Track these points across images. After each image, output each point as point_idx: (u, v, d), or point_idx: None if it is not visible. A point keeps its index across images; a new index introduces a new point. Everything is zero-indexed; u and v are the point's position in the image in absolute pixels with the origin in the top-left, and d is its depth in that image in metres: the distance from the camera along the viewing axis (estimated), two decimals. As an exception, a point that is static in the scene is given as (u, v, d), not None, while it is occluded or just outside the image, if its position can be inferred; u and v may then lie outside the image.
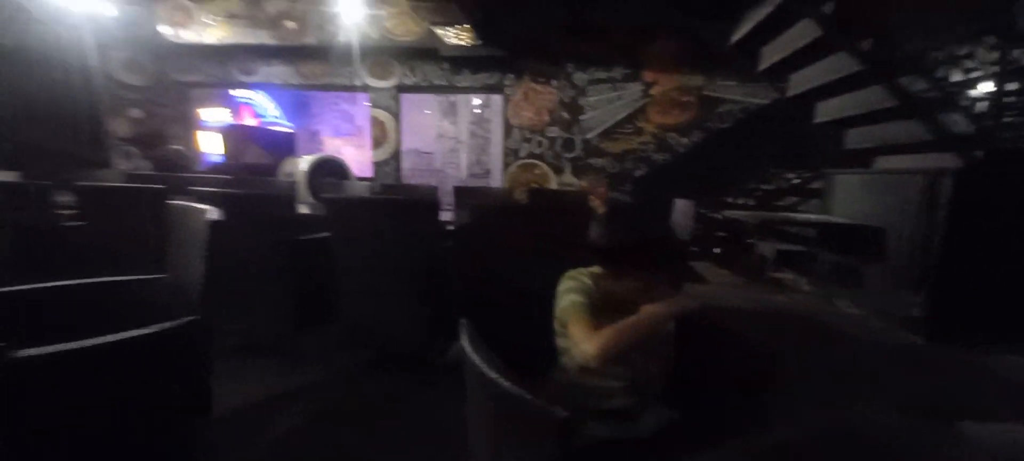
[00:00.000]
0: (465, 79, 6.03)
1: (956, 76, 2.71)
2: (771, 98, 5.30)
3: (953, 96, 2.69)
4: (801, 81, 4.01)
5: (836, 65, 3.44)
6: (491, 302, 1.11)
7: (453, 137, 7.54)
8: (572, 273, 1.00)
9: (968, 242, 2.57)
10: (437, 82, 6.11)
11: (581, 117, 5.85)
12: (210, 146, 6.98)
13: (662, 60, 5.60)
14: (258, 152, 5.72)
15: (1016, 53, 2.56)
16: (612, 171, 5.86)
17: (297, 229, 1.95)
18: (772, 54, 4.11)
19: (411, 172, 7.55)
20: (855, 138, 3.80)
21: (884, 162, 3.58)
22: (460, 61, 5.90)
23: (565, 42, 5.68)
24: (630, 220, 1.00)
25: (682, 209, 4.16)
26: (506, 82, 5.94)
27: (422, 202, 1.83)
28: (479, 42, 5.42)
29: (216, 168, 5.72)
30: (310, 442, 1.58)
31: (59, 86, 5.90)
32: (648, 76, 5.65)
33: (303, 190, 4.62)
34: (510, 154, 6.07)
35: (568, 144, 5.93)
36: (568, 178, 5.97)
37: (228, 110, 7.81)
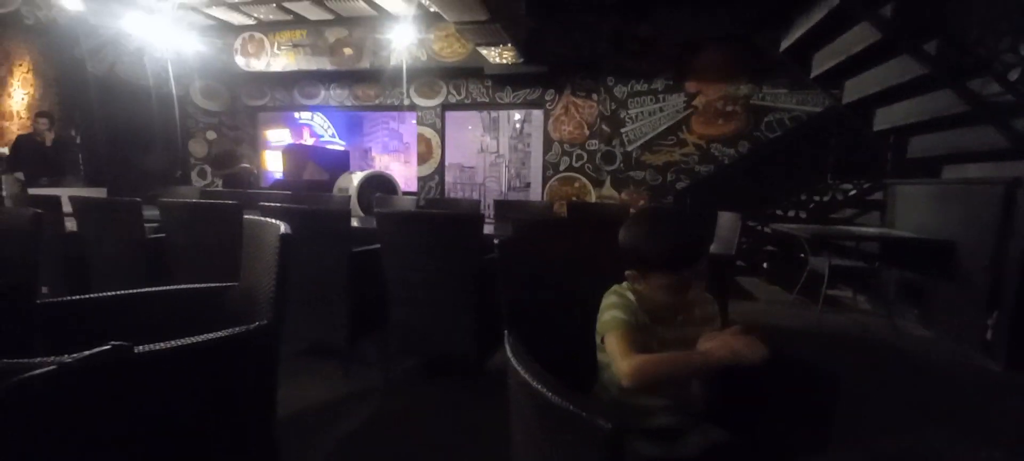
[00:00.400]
0: (507, 96, 6.15)
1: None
2: (824, 106, 5.01)
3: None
4: (857, 87, 3.76)
5: (897, 70, 3.21)
6: (534, 314, 1.12)
7: (494, 152, 7.66)
8: (616, 288, 0.99)
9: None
10: (480, 99, 6.27)
11: (622, 130, 5.79)
12: (274, 164, 7.52)
13: (708, 70, 5.44)
14: (315, 169, 6.09)
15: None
16: (653, 183, 5.73)
17: (351, 241, 2.06)
18: (825, 60, 3.89)
19: (453, 186, 7.75)
20: (920, 146, 3.51)
21: (953, 171, 3.27)
22: (503, 79, 6.03)
23: (609, 57, 5.66)
24: (659, 221, 0.96)
25: (726, 222, 3.99)
26: (547, 97, 5.99)
27: (465, 216, 1.88)
28: (521, 60, 5.51)
29: (278, 185, 6.14)
30: (365, 441, 1.66)
31: (145, 112, 6.60)
32: (691, 87, 5.51)
33: (355, 204, 4.85)
34: (550, 168, 6.09)
35: (608, 156, 5.87)
36: (608, 191, 5.90)
37: (290, 131, 8.40)
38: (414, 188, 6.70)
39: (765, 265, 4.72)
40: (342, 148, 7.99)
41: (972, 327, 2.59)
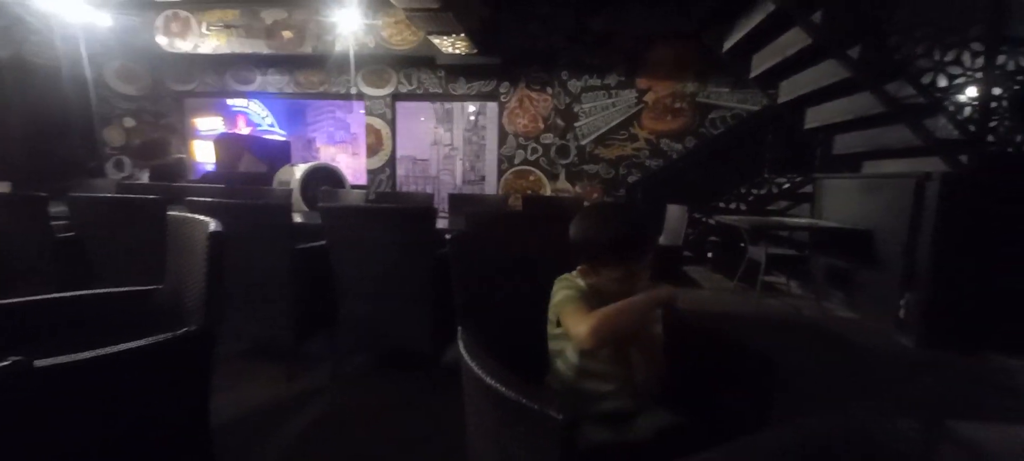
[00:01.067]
0: (461, 87, 6.07)
1: (942, 82, 2.77)
2: (762, 105, 5.38)
3: (940, 101, 2.74)
4: (791, 88, 4.07)
5: (825, 72, 3.50)
6: (488, 308, 1.12)
7: (448, 144, 7.56)
8: (565, 276, 1.03)
9: (955, 244, 2.61)
10: (433, 90, 6.15)
11: (576, 124, 5.90)
12: (205, 155, 6.96)
13: (658, 67, 5.67)
14: (252, 160, 5.70)
15: (1002, 59, 2.62)
16: (606, 177, 5.91)
17: (295, 238, 1.95)
18: (763, 61, 4.18)
19: (406, 179, 7.56)
20: (844, 143, 3.86)
21: (872, 166, 3.63)
22: (456, 69, 5.95)
23: (564, 50, 5.74)
24: (609, 214, 1.02)
25: (675, 214, 4.19)
26: (502, 89, 5.98)
27: (417, 210, 1.84)
28: (475, 51, 5.46)
29: (210, 177, 5.70)
30: (316, 441, 1.58)
31: (56, 96, 5.88)
32: (642, 83, 5.71)
33: (298, 198, 4.61)
34: (505, 161, 6.10)
35: (562, 150, 5.98)
36: (562, 184, 6.01)
37: (223, 119, 7.80)
38: (364, 181, 6.46)
39: (710, 255, 5.02)
40: (282, 138, 7.53)
41: (888, 307, 2.90)
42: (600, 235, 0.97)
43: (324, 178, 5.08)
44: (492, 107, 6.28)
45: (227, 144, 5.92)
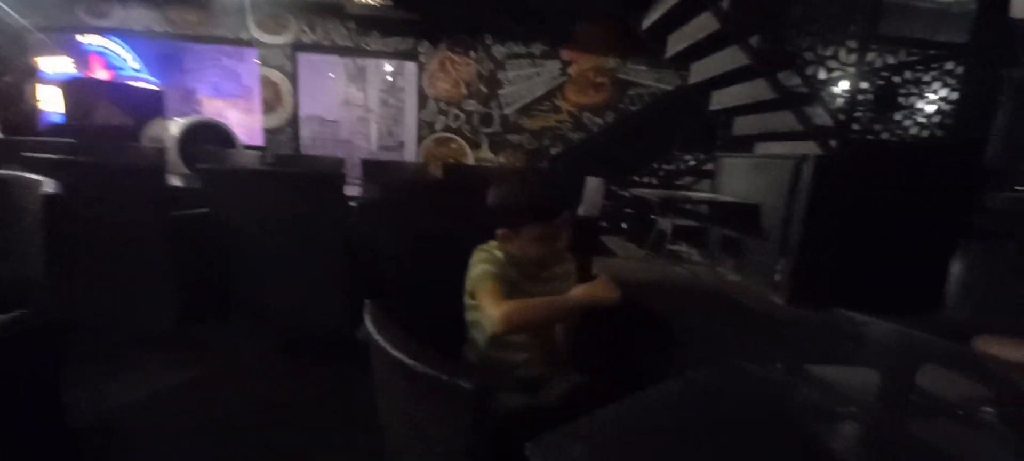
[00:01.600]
0: (374, 42, 5.67)
1: (822, 74, 3.19)
2: (675, 85, 5.79)
3: (819, 92, 3.17)
4: (700, 70, 4.42)
5: (729, 59, 3.85)
6: (404, 279, 1.10)
7: (362, 105, 7.07)
8: (484, 247, 1.04)
9: (821, 218, 3.10)
10: (342, 43, 5.66)
11: (500, 92, 5.86)
12: (50, 103, 5.73)
13: (581, 41, 5.79)
14: (111, 111, 4.83)
15: (870, 57, 3.08)
16: (530, 147, 5.99)
17: (171, 204, 1.71)
18: (677, 43, 4.46)
19: (313, 141, 6.97)
20: (741, 125, 4.32)
21: (763, 148, 4.12)
22: (369, 21, 5.52)
23: (488, 13, 5.59)
24: (526, 177, 1.07)
25: (593, 186, 4.41)
26: (421, 49, 5.70)
27: (320, 175, 1.71)
28: (390, 2, 5.10)
29: (57, 129, 4.74)
30: (210, 444, 1.44)
31: None
32: (566, 55, 5.81)
33: (175, 159, 4.03)
34: (425, 126, 5.90)
35: (486, 119, 5.92)
36: (486, 153, 5.98)
37: (73, 61, 6.45)
38: (260, 141, 5.84)
39: (624, 225, 5.40)
40: (153, 87, 6.45)
41: (767, 272, 3.38)
42: (518, 198, 1.00)
43: (209, 136, 4.48)
44: (411, 68, 5.97)
45: (79, 90, 4.94)
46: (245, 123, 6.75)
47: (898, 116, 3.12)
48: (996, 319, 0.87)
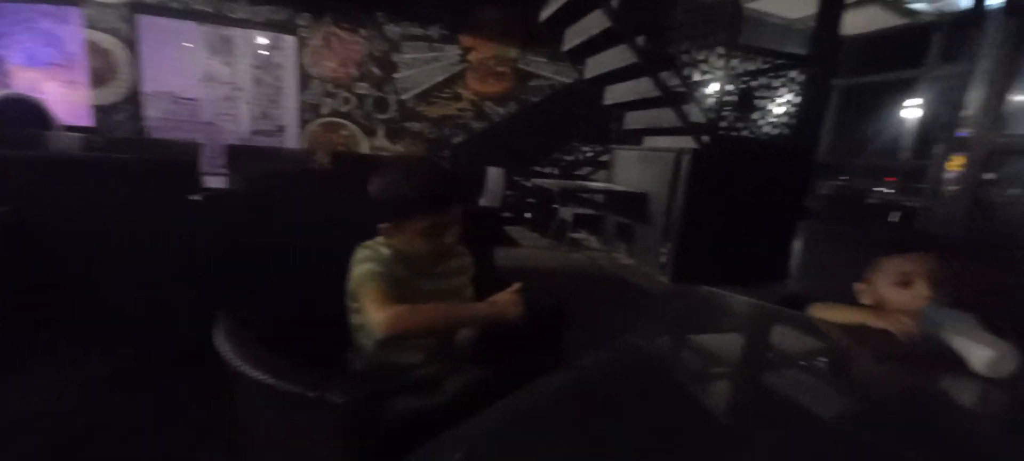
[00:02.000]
0: (240, 9, 5.02)
1: (696, 76, 3.58)
2: (573, 79, 6.08)
3: (694, 92, 3.55)
4: (595, 66, 4.69)
5: (620, 56, 4.13)
6: (281, 283, 0.97)
7: (229, 83, 6.20)
8: (368, 243, 0.96)
9: (697, 205, 3.51)
10: (198, 7, 4.91)
11: (395, 75, 5.59)
12: None
13: (482, 27, 5.76)
14: None
15: (733, 63, 3.53)
16: (430, 136, 5.84)
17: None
18: (573, 37, 4.67)
19: (164, 124, 5.97)
20: (632, 120, 4.69)
21: (651, 141, 4.53)
22: (236, -16, 4.86)
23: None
24: (411, 165, 0.99)
25: (494, 177, 4.45)
26: (300, 21, 5.19)
27: (168, 163, 1.45)
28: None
29: None
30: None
31: None
32: (466, 40, 5.75)
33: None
34: (309, 109, 5.40)
35: (381, 104, 5.62)
36: (382, 142, 5.69)
37: None
38: (87, 121, 4.84)
39: (528, 215, 5.56)
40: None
41: (654, 254, 3.74)
42: (403, 188, 0.93)
43: (16, 114, 3.59)
44: (290, 43, 5.40)
45: None
46: (68, 98, 5.52)
47: (755, 116, 3.64)
48: (826, 287, 1.05)
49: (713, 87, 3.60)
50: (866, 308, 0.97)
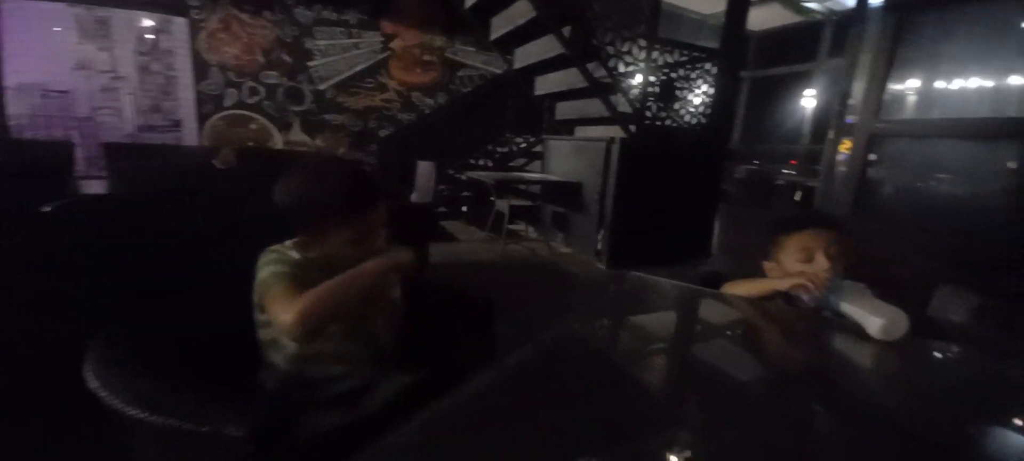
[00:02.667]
0: (123, -14, 4.43)
1: (621, 67, 3.72)
2: (503, 69, 6.08)
3: (620, 83, 3.70)
4: (524, 56, 4.72)
5: (547, 46, 4.19)
6: (173, 300, 0.86)
7: (108, 71, 5.44)
8: (275, 247, 0.88)
9: (627, 192, 3.67)
10: (67, -19, 4.26)
11: (309, 63, 5.25)
12: None
13: (403, 13, 5.56)
14: None
15: (654, 55, 3.71)
16: (354, 129, 5.56)
17: None
18: (499, 26, 4.66)
19: (32, 119, 5.12)
20: (563, 111, 4.79)
21: (582, 131, 4.66)
22: (110, -44, 4.27)
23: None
24: (323, 166, 0.89)
25: (424, 171, 4.35)
26: (193, 3, 4.68)
27: (23, 165, 1.23)
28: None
29: None
30: None
31: None
32: (388, 27, 5.52)
33: None
34: (209, 102, 4.91)
35: (295, 95, 5.25)
36: (298, 136, 5.33)
37: None
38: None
39: (465, 209, 5.51)
40: None
41: (590, 242, 3.88)
42: (314, 193, 0.84)
43: None
44: (181, 25, 4.86)
45: None
46: None
47: (677, 106, 3.88)
48: (742, 264, 1.14)
49: (638, 78, 3.77)
50: (772, 279, 1.09)
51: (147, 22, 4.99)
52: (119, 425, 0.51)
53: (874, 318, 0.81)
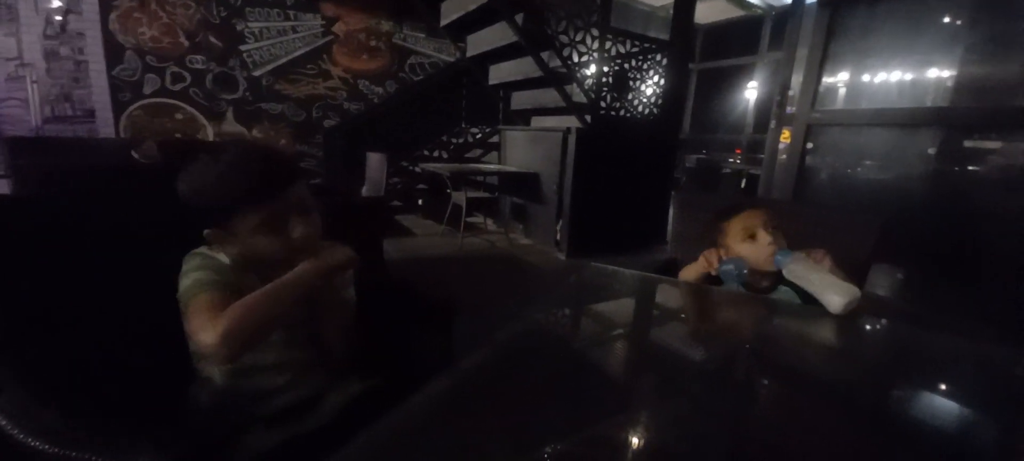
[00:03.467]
0: (17, -45, 3.95)
1: (575, 57, 3.75)
2: (455, 57, 5.98)
3: (574, 73, 3.73)
4: (476, 43, 4.65)
5: (501, 34, 4.15)
6: (84, 315, 0.77)
7: (13, 58, 4.85)
8: (200, 250, 0.81)
9: (584, 183, 3.73)
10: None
11: (242, 47, 4.92)
12: None
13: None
14: None
15: (607, 45, 3.77)
16: (295, 119, 5.29)
17: None
18: (450, 12, 4.56)
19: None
20: (519, 100, 4.79)
21: (538, 121, 4.68)
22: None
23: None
24: (223, 150, 0.78)
25: (374, 163, 4.22)
26: (106, -22, 4.27)
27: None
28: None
29: None
30: None
31: None
32: (328, 9, 5.27)
33: None
34: (127, 89, 4.50)
35: (227, 81, 4.91)
36: (232, 127, 5.00)
37: None
38: None
39: (420, 202, 5.39)
40: None
41: (550, 232, 3.92)
42: (211, 179, 0.75)
43: None
44: (92, 5, 4.41)
45: None
46: None
47: (630, 97, 3.97)
48: (694, 250, 1.20)
49: (592, 68, 3.82)
50: (699, 263, 1.19)
51: (56, 3, 4.48)
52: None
53: (835, 296, 0.87)
